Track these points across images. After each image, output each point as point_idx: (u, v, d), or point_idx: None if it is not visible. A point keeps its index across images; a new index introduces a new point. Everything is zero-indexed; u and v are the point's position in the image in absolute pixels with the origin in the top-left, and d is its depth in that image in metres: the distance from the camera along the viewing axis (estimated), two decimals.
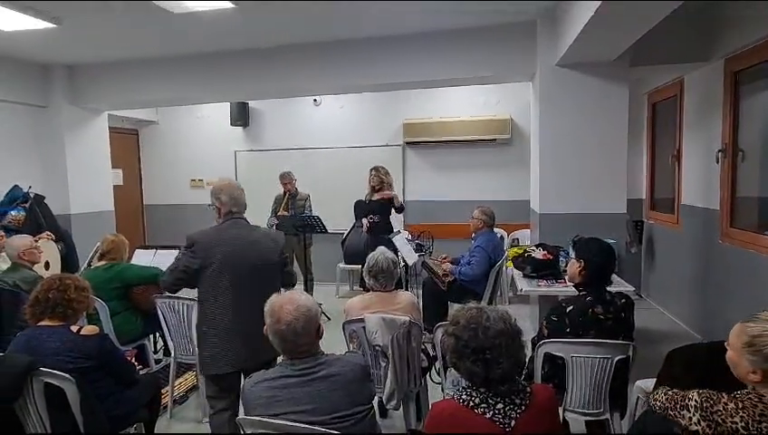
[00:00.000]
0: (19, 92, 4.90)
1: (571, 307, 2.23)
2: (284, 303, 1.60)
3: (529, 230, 5.15)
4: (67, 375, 2.02)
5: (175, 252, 4.12)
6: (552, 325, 2.22)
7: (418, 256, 4.89)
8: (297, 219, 5.09)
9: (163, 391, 2.95)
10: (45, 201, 4.81)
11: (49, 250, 3.99)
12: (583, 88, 3.95)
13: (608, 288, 2.32)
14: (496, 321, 1.38)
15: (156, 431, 2.63)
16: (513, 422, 1.32)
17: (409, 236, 5.56)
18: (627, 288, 3.16)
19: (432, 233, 5.84)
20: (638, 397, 2.15)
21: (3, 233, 3.88)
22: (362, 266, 2.71)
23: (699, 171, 4.28)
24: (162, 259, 4.04)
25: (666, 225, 4.99)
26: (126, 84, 5.14)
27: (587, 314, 2.21)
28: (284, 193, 5.39)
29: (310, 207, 5.41)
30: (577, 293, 2.34)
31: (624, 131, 3.97)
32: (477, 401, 1.36)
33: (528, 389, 1.40)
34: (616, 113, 3.94)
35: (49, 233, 4.39)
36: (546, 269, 3.55)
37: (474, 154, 6.09)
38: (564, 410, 2.23)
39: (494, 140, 5.93)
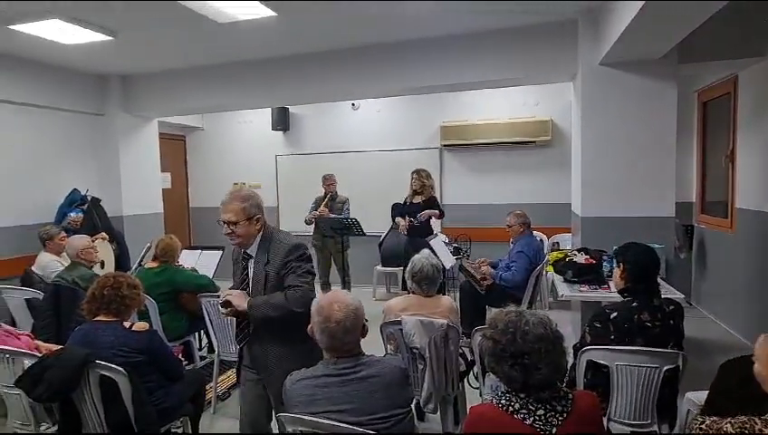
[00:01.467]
0: (79, 102, 5.23)
1: (616, 313, 2.16)
2: (333, 301, 1.64)
3: (569, 234, 5.02)
4: (120, 368, 2.14)
5: (218, 253, 4.30)
6: (595, 332, 2.16)
7: (456, 259, 4.86)
8: (335, 221, 5.16)
9: (207, 387, 3.05)
10: (101, 203, 5.10)
11: (104, 250, 4.23)
12: (628, 87, 3.82)
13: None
14: (536, 325, 1.36)
15: (200, 426, 2.73)
16: (554, 429, 1.29)
17: (447, 240, 5.53)
18: (676, 295, 3.02)
19: (470, 236, 5.80)
20: (689, 410, 2.06)
21: (64, 234, 4.14)
22: (403, 269, 2.72)
23: (756, 173, 4.04)
24: (206, 259, 4.21)
25: (718, 229, 4.74)
26: (174, 92, 5.39)
27: (633, 321, 2.14)
28: (325, 194, 5.47)
29: (348, 209, 5.47)
30: (622, 299, 2.27)
31: (672, 131, 3.81)
32: (517, 406, 1.33)
33: (570, 395, 1.37)
34: (664, 113, 3.78)
35: (104, 234, 4.66)
36: (588, 274, 3.44)
37: (513, 156, 6.00)
38: (608, 419, 2.15)
39: (534, 142, 5.82)
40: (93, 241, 3.82)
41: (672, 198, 3.86)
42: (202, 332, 3.93)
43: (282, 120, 6.67)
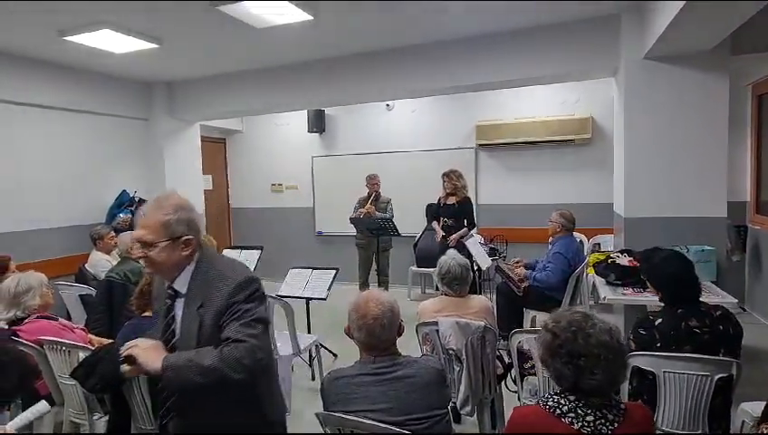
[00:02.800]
0: (126, 107, 5.49)
1: (660, 320, 2.07)
2: (369, 299, 1.66)
3: (611, 235, 4.86)
4: None
5: (257, 252, 4.41)
6: (640, 339, 2.07)
7: (492, 260, 4.79)
8: (370, 222, 5.20)
9: None
10: None
11: None
12: (675, 81, 3.66)
13: (703, 299, 2.13)
14: (601, 332, 1.32)
15: None
16: None
17: (482, 240, 5.46)
18: (728, 300, 2.88)
19: (506, 237, 5.71)
20: (744, 421, 1.95)
21: (114, 234, 4.36)
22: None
23: None
24: (246, 258, 4.32)
25: None
26: (215, 97, 5.56)
27: (680, 328, 2.04)
28: (369, 194, 5.53)
29: (391, 209, 5.50)
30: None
31: (724, 127, 3.62)
32: (565, 409, 1.30)
33: (622, 406, 1.32)
34: (714, 107, 3.60)
35: None
36: (632, 277, 3.32)
37: (551, 156, 5.85)
38: (656, 428, 2.07)
39: (573, 140, 5.66)
40: None
41: (724, 197, 3.67)
42: None
43: (318, 122, 6.77)
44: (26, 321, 2.52)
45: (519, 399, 2.54)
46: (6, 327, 2.48)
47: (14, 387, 1.43)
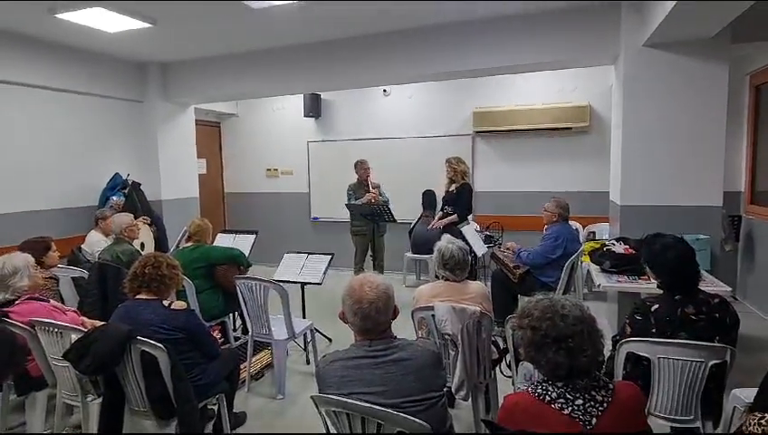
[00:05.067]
0: (120, 89, 5.39)
1: (657, 306, 2.08)
2: (363, 283, 1.64)
3: (606, 224, 4.87)
4: (160, 345, 2.21)
5: (252, 236, 4.39)
6: (637, 324, 2.08)
7: (488, 247, 4.80)
8: (364, 207, 5.17)
9: (241, 366, 3.14)
10: (141, 188, 5.27)
11: (144, 233, 4.40)
12: (675, 69, 3.63)
13: (701, 287, 2.14)
14: (573, 308, 1.32)
15: (235, 403, 2.81)
16: (594, 420, 1.25)
17: (479, 228, 5.46)
18: (722, 289, 2.89)
19: (502, 224, 5.71)
20: (735, 407, 1.96)
21: (110, 215, 4.33)
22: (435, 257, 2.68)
23: None
24: (241, 242, 4.30)
25: None
26: (210, 79, 5.48)
27: (675, 314, 2.05)
28: (359, 180, 5.42)
29: (385, 194, 5.46)
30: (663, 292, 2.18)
31: (722, 116, 3.61)
32: (554, 395, 1.30)
33: (610, 385, 1.32)
34: (713, 96, 3.59)
35: (144, 217, 4.83)
36: (627, 265, 3.33)
37: (548, 143, 5.83)
38: (648, 413, 2.08)
39: (571, 128, 5.64)
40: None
41: (720, 186, 3.68)
42: (236, 314, 4.04)
43: (314, 107, 6.70)
44: (17, 302, 2.49)
45: (513, 384, 2.55)
46: None
47: (4, 367, 1.40)
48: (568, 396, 1.29)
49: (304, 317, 3.82)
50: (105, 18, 3.91)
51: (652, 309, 2.07)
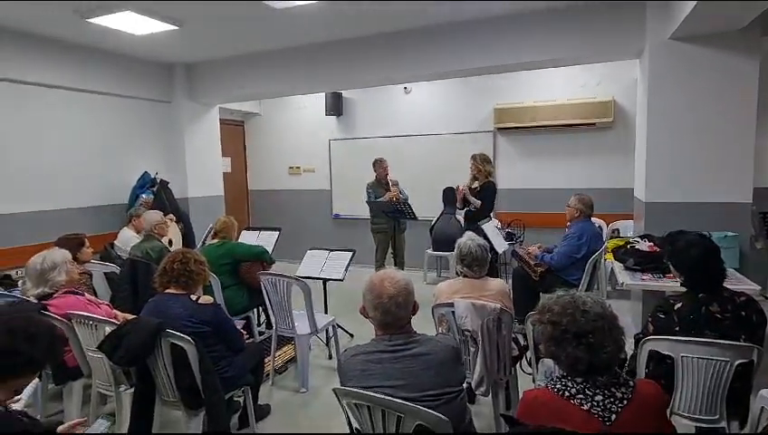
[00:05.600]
0: (147, 90, 5.55)
1: (680, 304, 2.05)
2: (384, 278, 1.67)
3: (630, 221, 4.79)
4: (188, 338, 2.30)
5: (275, 233, 4.47)
6: (660, 323, 2.06)
7: (509, 244, 4.77)
8: (386, 205, 5.20)
9: (266, 360, 3.21)
10: (169, 186, 5.43)
11: (172, 229, 4.53)
12: (702, 62, 3.55)
13: (726, 285, 2.10)
14: (594, 304, 1.33)
15: (259, 396, 2.89)
16: (613, 416, 1.26)
17: (499, 225, 5.43)
18: (751, 287, 2.82)
19: (524, 222, 5.66)
20: (763, 408, 1.92)
21: (142, 213, 4.47)
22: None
23: None
24: (265, 239, 4.39)
25: None
26: (234, 80, 5.59)
27: (700, 312, 2.02)
28: (377, 178, 5.48)
29: (404, 190, 5.49)
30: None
31: (752, 111, 3.51)
32: (573, 391, 1.31)
33: (631, 383, 1.32)
34: (743, 90, 3.49)
35: (171, 215, 4.97)
36: (652, 263, 3.28)
37: (570, 139, 5.76)
38: (671, 413, 2.06)
39: (594, 124, 5.55)
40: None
41: (750, 182, 3.58)
42: (260, 309, 4.13)
43: (335, 106, 6.76)
44: (55, 296, 2.62)
45: (534, 381, 2.55)
46: (36, 301, 2.57)
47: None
48: (587, 392, 1.30)
49: (326, 313, 3.89)
50: (133, 21, 4.04)
51: (675, 307, 2.04)
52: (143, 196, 5.11)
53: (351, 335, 4.14)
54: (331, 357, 3.82)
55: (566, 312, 1.33)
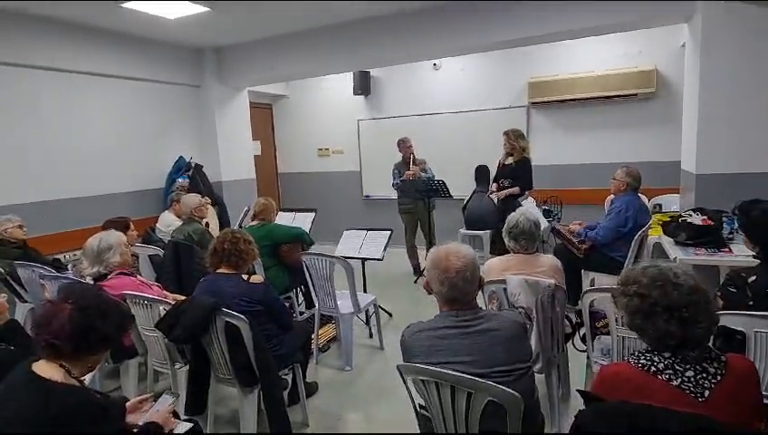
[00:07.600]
0: (180, 74, 5.56)
1: (755, 277, 1.96)
2: (448, 253, 1.64)
3: (674, 195, 4.61)
4: (242, 316, 2.32)
5: (311, 214, 4.47)
6: (731, 297, 1.97)
7: (548, 221, 4.67)
8: (421, 183, 5.14)
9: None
10: (203, 170, 5.47)
11: (209, 212, 4.57)
12: (760, 23, 3.33)
13: None
14: (687, 278, 1.26)
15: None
16: (707, 392, 1.20)
17: (535, 202, 5.31)
18: None
19: (561, 198, 5.53)
20: None
21: (177, 200, 4.53)
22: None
23: None
24: (301, 220, 4.40)
25: None
26: (264, 61, 5.54)
27: None
28: (404, 158, 5.42)
29: (430, 169, 5.42)
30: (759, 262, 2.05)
31: None
32: (661, 366, 1.25)
33: (722, 358, 1.26)
34: None
35: (207, 198, 5.02)
36: (705, 236, 3.16)
37: (609, 112, 5.55)
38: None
39: (635, 94, 5.33)
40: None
41: None
42: (299, 290, 4.16)
43: (363, 85, 6.66)
44: (109, 277, 2.67)
45: (588, 358, 2.50)
46: (93, 282, 2.63)
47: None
48: (677, 367, 1.24)
49: (365, 292, 3.89)
50: (165, 4, 4.02)
51: (749, 281, 1.95)
52: (179, 180, 5.17)
53: (390, 314, 4.15)
54: (371, 336, 3.84)
55: (655, 284, 1.27)
